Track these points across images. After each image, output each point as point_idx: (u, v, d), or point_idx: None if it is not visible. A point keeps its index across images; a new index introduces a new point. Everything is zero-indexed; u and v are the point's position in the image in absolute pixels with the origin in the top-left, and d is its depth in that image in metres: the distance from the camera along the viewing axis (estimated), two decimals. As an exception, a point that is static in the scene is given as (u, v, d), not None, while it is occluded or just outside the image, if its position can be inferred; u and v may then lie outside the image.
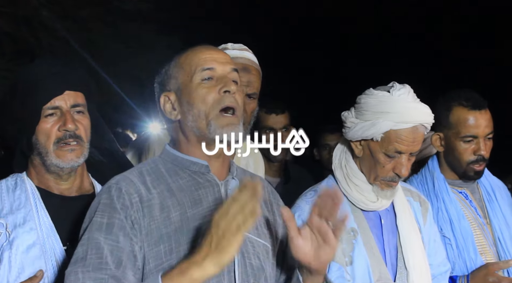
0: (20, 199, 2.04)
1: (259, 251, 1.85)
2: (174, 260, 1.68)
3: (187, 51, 1.84)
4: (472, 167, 2.68)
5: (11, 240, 1.95)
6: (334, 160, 2.41)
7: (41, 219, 2.01)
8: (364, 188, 2.30)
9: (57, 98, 2.03)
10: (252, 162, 2.76)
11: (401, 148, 2.19)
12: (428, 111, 2.23)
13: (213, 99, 1.76)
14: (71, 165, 2.05)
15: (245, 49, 2.56)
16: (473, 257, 2.63)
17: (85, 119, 2.09)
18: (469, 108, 2.65)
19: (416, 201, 2.48)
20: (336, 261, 2.21)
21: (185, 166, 1.81)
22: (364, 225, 2.30)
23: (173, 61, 1.83)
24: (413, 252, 2.30)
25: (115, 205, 1.68)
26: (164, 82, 1.83)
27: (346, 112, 2.32)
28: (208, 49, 1.84)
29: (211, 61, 1.79)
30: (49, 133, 2.02)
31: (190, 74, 1.78)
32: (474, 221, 2.72)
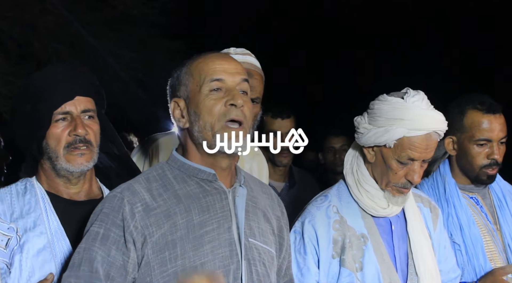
0: (30, 203, 2.06)
1: (265, 258, 1.86)
2: (179, 267, 1.69)
3: (199, 58, 1.83)
4: (485, 171, 2.66)
5: (21, 244, 1.97)
6: (346, 165, 2.39)
7: (51, 223, 2.04)
8: (374, 194, 2.28)
9: (68, 104, 2.06)
10: (256, 166, 2.75)
11: (414, 155, 2.18)
12: (442, 119, 2.21)
13: (219, 112, 1.75)
14: (80, 169, 2.08)
15: (248, 54, 2.55)
16: (483, 264, 2.61)
17: (95, 124, 2.12)
18: (483, 111, 2.64)
19: (427, 207, 2.46)
20: (347, 267, 2.20)
21: (192, 173, 1.81)
22: (374, 231, 2.28)
23: (185, 67, 1.83)
24: (424, 258, 2.29)
25: (114, 218, 1.71)
26: (175, 87, 1.84)
27: (359, 118, 2.31)
28: (219, 58, 1.83)
29: (220, 72, 1.78)
30: (60, 137, 2.05)
31: (199, 84, 1.77)
32: (484, 227, 2.70)
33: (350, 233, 2.25)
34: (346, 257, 2.21)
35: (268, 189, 2.08)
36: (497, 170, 2.69)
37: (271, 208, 2.00)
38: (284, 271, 2.04)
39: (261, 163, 2.80)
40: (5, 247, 1.96)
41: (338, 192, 2.36)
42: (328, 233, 2.24)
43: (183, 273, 1.69)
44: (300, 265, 2.23)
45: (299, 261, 2.23)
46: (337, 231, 2.25)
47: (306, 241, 2.23)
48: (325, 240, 2.23)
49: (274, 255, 1.93)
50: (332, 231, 2.25)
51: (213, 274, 1.73)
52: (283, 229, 2.03)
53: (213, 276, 1.69)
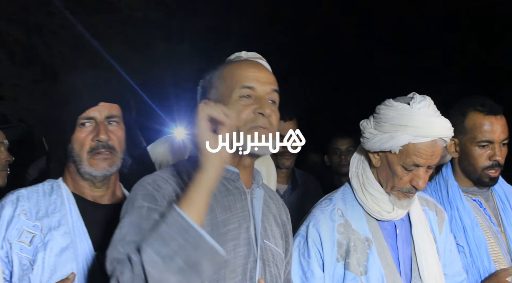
0: (56, 203, 2.11)
1: (277, 260, 1.91)
2: None
3: (232, 64, 1.88)
4: (487, 173, 2.67)
5: (45, 242, 2.01)
6: (351, 168, 2.39)
7: (75, 224, 2.08)
8: (379, 198, 2.28)
9: (92, 109, 2.10)
10: (265, 170, 2.76)
11: (419, 161, 2.18)
12: (448, 125, 2.20)
13: (247, 118, 1.79)
14: (103, 174, 2.12)
15: (259, 58, 2.58)
16: (487, 266, 2.61)
17: (119, 130, 2.15)
18: (485, 113, 2.65)
19: (432, 211, 2.46)
20: (351, 270, 2.21)
21: None
22: (378, 235, 2.29)
23: (217, 70, 1.86)
24: (428, 263, 2.29)
25: (155, 196, 1.70)
26: (206, 88, 1.87)
27: (364, 122, 2.31)
28: (252, 66, 1.87)
29: (252, 80, 1.81)
30: (83, 142, 2.09)
31: (230, 89, 1.80)
32: (488, 229, 2.70)
33: (355, 236, 2.26)
34: (351, 261, 2.21)
35: (274, 195, 2.12)
36: (499, 172, 2.70)
37: (278, 213, 2.04)
38: (286, 275, 2.06)
39: (269, 167, 2.82)
40: (29, 244, 2.00)
41: (343, 195, 2.37)
42: (332, 236, 2.25)
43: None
44: (304, 268, 2.24)
45: (303, 264, 2.24)
46: (342, 234, 2.25)
47: (310, 244, 2.24)
48: (329, 243, 2.24)
49: (283, 258, 1.97)
50: (337, 234, 2.25)
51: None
52: (288, 235, 2.06)
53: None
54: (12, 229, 2.00)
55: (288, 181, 3.91)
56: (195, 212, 1.54)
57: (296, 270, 2.24)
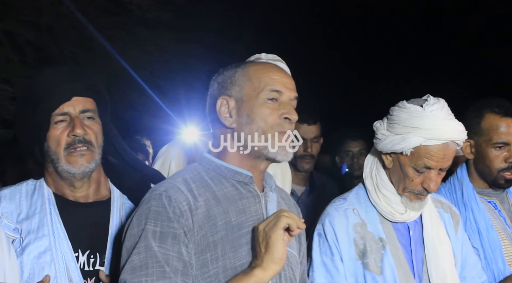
0: (36, 204, 2.08)
1: (292, 262, 1.91)
2: (220, 268, 1.72)
3: (258, 64, 1.90)
4: (503, 175, 2.65)
5: (24, 246, 1.99)
6: (365, 169, 2.39)
7: (54, 226, 2.04)
8: (392, 200, 2.27)
9: (66, 104, 2.06)
10: (280, 172, 2.75)
11: (430, 163, 2.17)
12: (461, 128, 2.19)
13: (274, 122, 1.81)
14: (82, 171, 2.06)
15: (279, 60, 2.59)
16: (502, 268, 2.59)
17: (95, 124, 2.11)
18: (501, 115, 2.64)
19: (447, 213, 2.44)
20: (370, 270, 2.20)
21: (229, 175, 1.84)
22: (392, 236, 2.28)
23: (241, 68, 1.86)
24: (437, 266, 2.27)
25: (168, 214, 1.70)
26: (226, 85, 1.86)
27: (378, 123, 2.31)
28: (279, 71, 1.89)
29: (281, 85, 1.83)
30: (59, 139, 2.05)
31: (258, 90, 1.81)
32: (503, 231, 2.68)
33: (369, 237, 2.25)
34: (369, 261, 2.21)
35: (286, 195, 2.12)
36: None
37: None
38: (300, 275, 2.05)
39: (284, 169, 2.81)
40: None
41: (357, 196, 2.36)
42: (347, 234, 2.25)
43: None
44: (328, 266, 2.22)
45: (327, 262, 2.22)
46: (359, 234, 2.25)
47: (329, 241, 2.24)
48: (345, 241, 2.24)
49: (298, 259, 1.97)
50: (354, 233, 2.25)
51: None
52: (300, 235, 2.05)
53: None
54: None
55: (306, 183, 3.91)
56: None
57: (320, 270, 2.22)
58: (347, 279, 2.21)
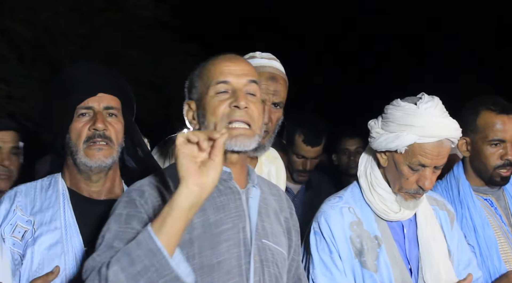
0: (51, 198, 2.11)
1: (278, 259, 1.87)
2: (196, 265, 1.68)
3: (209, 61, 1.85)
4: (499, 172, 2.65)
5: (35, 237, 2.02)
6: (360, 167, 2.39)
7: (67, 219, 2.08)
8: (387, 198, 2.28)
9: (91, 99, 2.10)
10: (274, 170, 2.75)
11: (425, 161, 2.17)
12: (455, 126, 2.19)
13: (222, 113, 1.76)
14: (98, 164, 2.10)
15: (273, 59, 2.57)
16: (497, 265, 2.60)
17: (117, 122, 2.15)
18: (497, 112, 2.64)
19: (443, 210, 2.45)
20: (368, 268, 2.21)
21: None
22: (387, 234, 2.28)
23: (197, 70, 1.86)
24: (431, 264, 2.28)
25: (136, 202, 1.70)
26: (189, 89, 1.87)
27: (372, 121, 2.31)
28: (227, 60, 1.83)
29: (226, 74, 1.79)
30: (80, 132, 2.09)
31: (207, 86, 1.79)
32: (499, 229, 2.68)
33: (365, 235, 2.26)
34: (366, 259, 2.21)
35: (277, 190, 2.08)
36: (511, 172, 2.67)
37: (280, 209, 2.01)
38: (293, 272, 2.04)
39: (279, 167, 2.80)
40: (21, 239, 2.02)
41: (352, 194, 2.37)
42: (344, 232, 2.25)
43: None
44: (327, 264, 2.22)
45: (326, 260, 2.22)
46: (355, 232, 2.26)
47: (327, 239, 2.24)
48: (342, 239, 2.24)
49: (286, 256, 1.94)
50: (350, 231, 2.25)
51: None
52: (291, 231, 2.03)
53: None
54: (6, 224, 2.02)
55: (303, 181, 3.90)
56: (166, 234, 1.49)
57: (319, 268, 2.22)
58: (347, 276, 2.21)
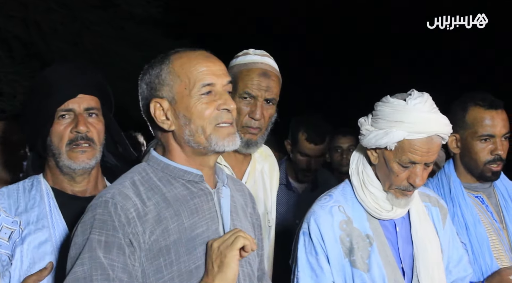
0: (35, 198, 2.10)
1: (250, 257, 1.87)
2: (175, 273, 1.67)
3: (181, 58, 1.77)
4: (489, 167, 2.66)
5: (23, 236, 2.02)
6: (351, 165, 2.38)
7: (54, 218, 2.08)
8: (379, 196, 2.27)
9: (71, 101, 2.09)
10: (267, 168, 2.74)
11: (415, 158, 2.16)
12: (445, 122, 2.18)
13: (211, 115, 1.73)
14: (82, 167, 2.10)
15: (266, 55, 2.56)
16: (489, 263, 2.60)
17: (98, 122, 2.14)
18: (485, 107, 2.65)
19: (435, 206, 2.45)
20: (358, 267, 2.20)
21: (178, 175, 1.77)
22: (379, 233, 2.27)
23: (165, 65, 1.76)
24: (426, 263, 2.27)
25: (113, 222, 1.64)
26: (155, 86, 1.76)
27: (362, 119, 2.30)
28: (206, 59, 1.79)
29: (210, 76, 1.75)
30: (62, 134, 2.08)
31: (189, 87, 1.73)
32: (490, 226, 2.69)
33: (356, 233, 2.25)
34: (356, 258, 2.20)
35: (240, 185, 2.07)
36: (502, 166, 2.69)
37: (245, 204, 2.00)
38: (258, 266, 2.02)
39: (272, 164, 2.79)
40: (8, 240, 2.01)
41: (344, 192, 2.35)
42: (333, 232, 2.24)
43: None
44: (313, 266, 2.22)
45: (312, 262, 2.22)
46: (344, 231, 2.24)
47: (314, 240, 2.23)
48: (331, 239, 2.23)
49: (256, 253, 1.93)
50: (339, 231, 2.24)
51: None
52: (255, 225, 2.02)
53: None
54: None
55: (308, 180, 3.88)
56: None
57: (305, 269, 2.22)
58: (334, 278, 2.21)
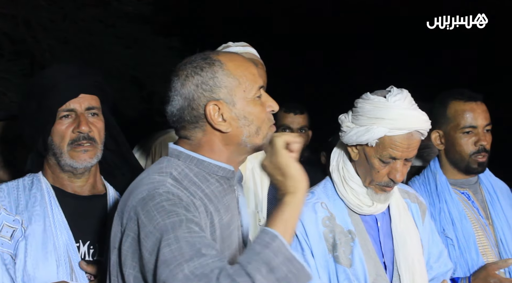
0: (36, 197, 2.11)
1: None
2: None
3: (235, 60, 1.77)
4: (475, 159, 2.69)
5: (26, 235, 2.02)
6: (332, 162, 2.41)
7: (55, 216, 2.09)
8: (359, 192, 2.30)
9: (72, 101, 2.11)
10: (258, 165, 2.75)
11: (395, 154, 2.19)
12: (424, 118, 2.22)
13: (265, 117, 1.77)
14: (84, 165, 2.12)
15: (247, 45, 2.65)
16: (475, 258, 2.63)
17: (99, 121, 2.16)
18: (464, 100, 2.70)
19: (414, 203, 2.48)
20: (341, 263, 2.22)
21: (212, 171, 1.75)
22: (361, 228, 2.30)
23: (219, 67, 1.73)
24: (406, 257, 2.30)
25: (182, 203, 1.59)
26: (210, 88, 1.72)
27: (343, 116, 2.32)
28: (251, 62, 1.83)
29: (260, 78, 1.80)
30: (64, 134, 2.10)
31: (247, 90, 1.74)
32: (476, 221, 2.71)
33: (338, 229, 2.26)
34: (339, 254, 2.22)
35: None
36: (487, 158, 2.72)
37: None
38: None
39: None
40: (10, 238, 2.01)
41: (325, 189, 2.38)
42: (317, 228, 2.25)
43: None
44: None
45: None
46: (327, 228, 2.26)
47: (299, 237, 2.24)
48: (315, 236, 2.24)
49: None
50: (322, 227, 2.26)
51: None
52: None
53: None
54: None
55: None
56: (290, 237, 1.56)
57: None
58: (319, 274, 2.22)
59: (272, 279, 1.45)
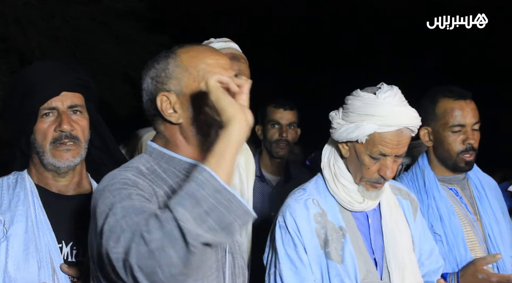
0: (19, 196, 2.09)
1: (242, 250, 1.89)
2: None
3: (189, 51, 1.75)
4: (462, 157, 2.70)
5: (8, 236, 1.99)
6: (323, 159, 2.40)
7: (38, 217, 2.06)
8: (350, 189, 2.29)
9: (54, 99, 2.08)
10: (243, 161, 2.74)
11: (385, 150, 2.19)
12: (414, 114, 2.22)
13: None
14: (67, 165, 2.09)
15: (229, 41, 2.63)
16: (463, 254, 2.65)
17: (83, 119, 2.13)
18: (454, 98, 2.69)
19: (406, 200, 2.48)
20: (332, 259, 2.22)
21: (182, 167, 1.74)
22: (352, 224, 2.30)
23: (172, 58, 1.73)
24: (396, 253, 2.30)
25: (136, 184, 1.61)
26: (162, 79, 1.72)
27: (333, 113, 2.32)
28: (213, 53, 1.79)
29: (218, 68, 1.73)
30: (46, 133, 2.07)
31: (198, 80, 1.70)
32: (465, 217, 2.72)
33: (330, 226, 2.27)
34: (330, 250, 2.22)
35: None
36: (475, 156, 2.72)
37: None
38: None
39: (248, 158, 2.79)
40: None
41: (317, 185, 2.37)
42: (309, 224, 2.25)
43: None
44: (292, 258, 2.21)
45: (291, 254, 2.22)
46: (319, 224, 2.27)
47: (291, 233, 2.24)
48: (307, 232, 2.24)
49: (246, 247, 1.94)
50: (315, 223, 2.26)
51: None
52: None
53: None
54: None
55: (281, 173, 3.86)
56: (225, 171, 1.46)
57: (284, 262, 2.22)
58: (313, 270, 2.22)
59: (200, 211, 1.40)
